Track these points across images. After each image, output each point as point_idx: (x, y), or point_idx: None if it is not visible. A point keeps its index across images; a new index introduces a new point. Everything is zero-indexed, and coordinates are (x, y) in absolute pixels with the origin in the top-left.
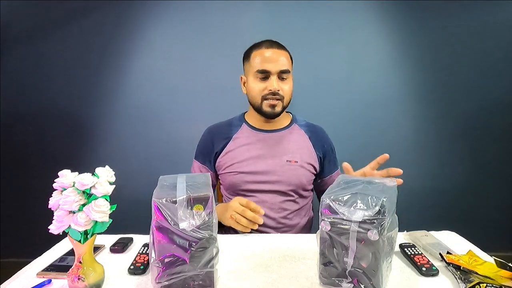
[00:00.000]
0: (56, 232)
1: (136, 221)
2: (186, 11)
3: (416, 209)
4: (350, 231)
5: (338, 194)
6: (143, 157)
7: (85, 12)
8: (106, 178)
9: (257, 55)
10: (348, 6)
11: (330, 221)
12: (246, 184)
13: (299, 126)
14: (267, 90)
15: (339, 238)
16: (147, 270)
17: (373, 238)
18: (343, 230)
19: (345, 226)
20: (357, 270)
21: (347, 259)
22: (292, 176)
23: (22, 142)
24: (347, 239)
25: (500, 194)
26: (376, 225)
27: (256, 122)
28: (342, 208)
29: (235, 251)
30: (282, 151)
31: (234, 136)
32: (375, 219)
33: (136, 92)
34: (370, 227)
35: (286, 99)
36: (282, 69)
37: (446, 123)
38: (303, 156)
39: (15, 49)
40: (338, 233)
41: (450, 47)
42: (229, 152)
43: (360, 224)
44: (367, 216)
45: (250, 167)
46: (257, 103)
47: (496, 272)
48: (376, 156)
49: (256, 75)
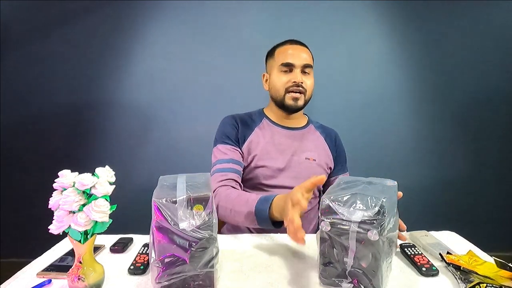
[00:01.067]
0: (56, 232)
1: (136, 221)
2: (186, 11)
3: (416, 209)
4: (349, 231)
5: (338, 195)
6: (143, 157)
7: (85, 12)
8: (106, 178)
9: (282, 51)
10: (348, 6)
11: (330, 221)
12: (265, 178)
13: (315, 127)
14: (291, 82)
15: (339, 238)
16: (147, 270)
17: (373, 238)
18: (342, 231)
19: (345, 226)
20: (357, 270)
21: (347, 259)
22: (310, 173)
23: (22, 142)
24: (347, 239)
25: (500, 194)
26: (375, 225)
27: (276, 118)
28: (341, 209)
29: (235, 251)
30: (302, 148)
31: (256, 129)
32: (375, 219)
33: (136, 92)
34: (370, 227)
35: (308, 93)
36: (306, 63)
37: (446, 123)
38: (320, 156)
39: (15, 49)
40: (338, 234)
41: (450, 47)
42: (251, 143)
43: (360, 225)
44: (367, 217)
45: (271, 162)
46: (280, 96)
47: (496, 272)
48: (376, 155)
49: (280, 69)
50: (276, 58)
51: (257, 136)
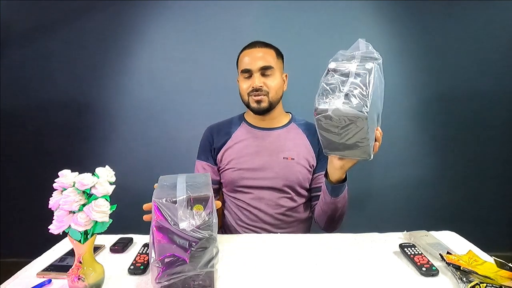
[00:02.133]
0: (56, 232)
1: (136, 221)
2: (186, 11)
3: (416, 209)
4: (349, 70)
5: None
6: (143, 157)
7: (85, 12)
8: (106, 178)
9: (241, 58)
10: (348, 6)
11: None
12: (244, 180)
13: (297, 125)
14: (250, 87)
15: None
16: (147, 270)
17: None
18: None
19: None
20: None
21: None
22: (288, 172)
23: (22, 142)
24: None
25: (500, 194)
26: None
27: (254, 120)
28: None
29: (235, 251)
30: (279, 148)
31: (233, 134)
32: None
33: (136, 92)
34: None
35: (271, 94)
36: (263, 65)
37: (445, 123)
38: (300, 153)
39: (15, 49)
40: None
41: (450, 47)
42: (228, 149)
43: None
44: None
45: (248, 164)
46: (246, 101)
47: (496, 272)
48: (375, 155)
49: (242, 75)
50: (239, 64)
51: (233, 141)
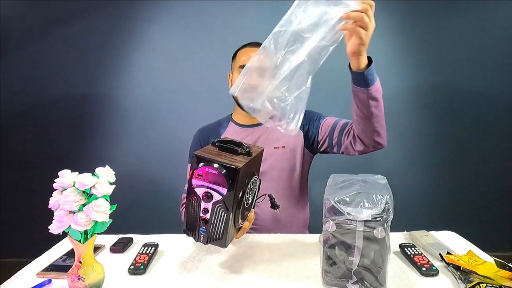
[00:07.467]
0: (56, 232)
1: (136, 221)
2: (186, 11)
3: (416, 209)
4: (356, 230)
5: (341, 195)
6: (143, 157)
7: (85, 12)
8: (106, 178)
9: (241, 54)
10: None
11: (335, 222)
12: None
13: None
14: None
15: (343, 237)
16: (147, 270)
17: (380, 236)
18: (347, 230)
19: (350, 226)
20: (363, 268)
21: (353, 258)
22: (282, 160)
23: (22, 142)
24: (351, 238)
25: (500, 194)
26: (381, 222)
27: (241, 119)
28: (347, 208)
29: (235, 251)
30: (269, 141)
31: (222, 135)
32: (380, 216)
33: (136, 92)
34: (375, 225)
35: None
36: None
37: (446, 122)
38: (289, 140)
39: (15, 49)
40: (342, 233)
41: (450, 47)
42: None
43: (366, 223)
44: (374, 215)
45: None
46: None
47: (496, 272)
48: (375, 155)
49: (238, 70)
50: (237, 60)
51: None
